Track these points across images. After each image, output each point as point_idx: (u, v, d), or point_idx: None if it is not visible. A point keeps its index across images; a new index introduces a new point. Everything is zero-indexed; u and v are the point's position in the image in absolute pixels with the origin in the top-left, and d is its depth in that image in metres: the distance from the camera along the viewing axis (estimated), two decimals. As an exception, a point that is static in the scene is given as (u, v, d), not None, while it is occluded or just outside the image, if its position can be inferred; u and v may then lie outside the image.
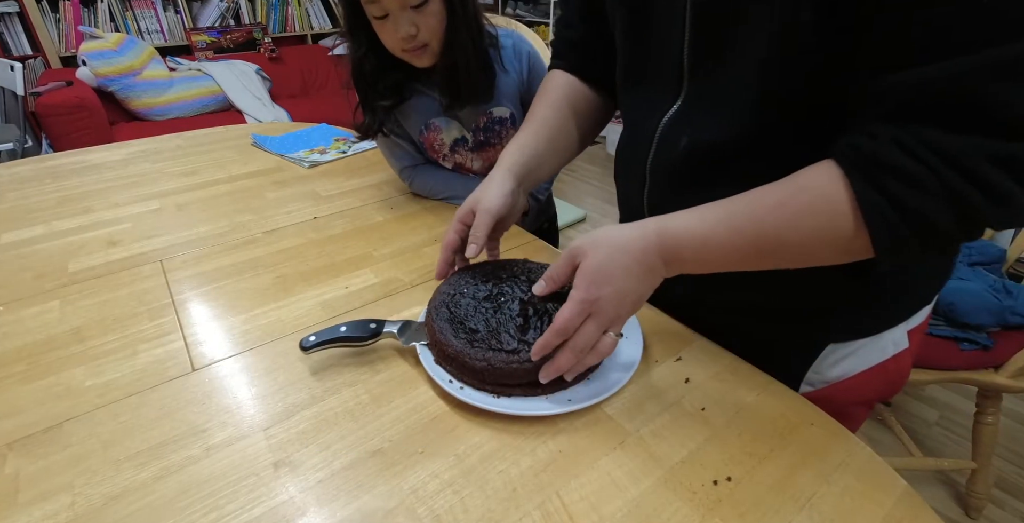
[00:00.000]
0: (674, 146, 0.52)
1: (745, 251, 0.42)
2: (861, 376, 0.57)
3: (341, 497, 0.42)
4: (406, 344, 0.55)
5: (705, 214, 0.44)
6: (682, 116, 0.52)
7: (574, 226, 2.53)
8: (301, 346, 0.55)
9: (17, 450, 0.47)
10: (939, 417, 1.47)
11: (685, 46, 0.49)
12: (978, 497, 1.19)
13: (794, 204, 0.40)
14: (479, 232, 0.57)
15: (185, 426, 0.49)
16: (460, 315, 0.53)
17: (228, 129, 1.39)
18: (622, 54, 0.59)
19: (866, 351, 0.56)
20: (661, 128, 0.54)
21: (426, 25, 0.76)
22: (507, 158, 0.62)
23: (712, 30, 0.46)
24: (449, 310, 0.54)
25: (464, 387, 0.50)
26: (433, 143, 0.93)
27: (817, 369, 0.57)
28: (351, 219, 0.88)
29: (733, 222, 0.42)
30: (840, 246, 0.40)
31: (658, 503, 0.41)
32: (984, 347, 1.04)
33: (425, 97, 0.89)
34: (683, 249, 0.44)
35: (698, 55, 0.48)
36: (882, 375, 0.58)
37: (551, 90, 0.68)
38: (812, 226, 0.40)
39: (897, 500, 0.41)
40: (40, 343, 0.60)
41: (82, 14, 2.68)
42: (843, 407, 0.56)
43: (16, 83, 2.19)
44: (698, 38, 0.48)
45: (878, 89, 0.37)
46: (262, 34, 3.13)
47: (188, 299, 0.68)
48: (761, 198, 0.42)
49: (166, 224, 0.87)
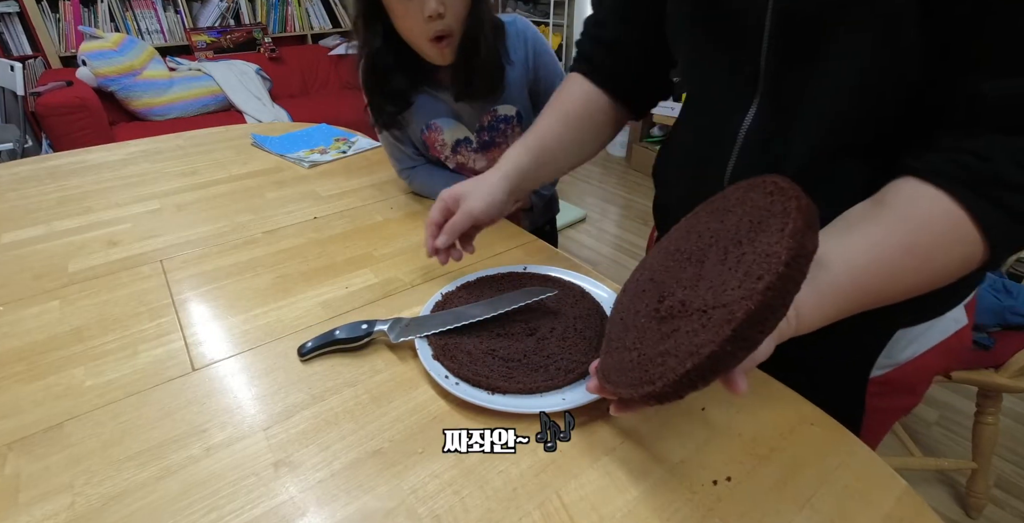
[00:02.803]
0: (762, 153, 0.51)
1: (872, 304, 0.42)
2: (928, 355, 0.58)
3: (341, 497, 0.42)
4: (396, 340, 0.56)
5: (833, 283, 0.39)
6: (766, 121, 0.51)
7: (574, 226, 2.53)
8: (299, 353, 0.56)
9: (17, 450, 0.47)
10: (939, 417, 1.47)
11: (764, 48, 0.47)
12: (978, 497, 1.19)
13: (922, 249, 0.39)
14: (454, 229, 0.59)
15: (185, 426, 0.49)
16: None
17: (228, 129, 1.39)
18: (684, 54, 0.57)
19: (932, 332, 0.58)
20: (744, 133, 0.52)
21: (453, 8, 0.74)
22: (507, 163, 0.62)
23: (798, 33, 0.45)
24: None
25: (460, 383, 0.51)
26: (435, 143, 0.93)
27: (888, 353, 0.58)
28: (351, 219, 0.88)
29: (864, 282, 0.40)
30: (965, 269, 0.40)
31: (658, 503, 0.41)
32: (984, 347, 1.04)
33: (428, 97, 0.88)
34: (815, 325, 0.42)
35: (781, 58, 0.47)
36: (946, 351, 0.59)
37: (567, 99, 0.66)
38: (942, 263, 0.39)
39: (897, 500, 0.41)
40: (40, 343, 0.60)
41: (82, 14, 2.67)
42: (911, 383, 0.59)
43: (16, 83, 2.19)
44: (780, 42, 0.46)
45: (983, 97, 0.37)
46: (262, 34, 3.13)
47: (188, 299, 0.68)
48: (881, 247, 0.39)
49: (166, 224, 0.87)
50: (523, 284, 0.65)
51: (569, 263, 0.72)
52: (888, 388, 0.59)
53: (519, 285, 0.65)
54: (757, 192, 0.38)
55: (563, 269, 0.68)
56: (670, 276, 0.43)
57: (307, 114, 2.65)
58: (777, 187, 0.36)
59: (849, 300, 0.40)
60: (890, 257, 0.39)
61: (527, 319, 0.58)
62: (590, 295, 0.63)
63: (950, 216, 0.38)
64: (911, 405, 0.66)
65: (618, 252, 2.32)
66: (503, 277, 0.67)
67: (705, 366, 0.32)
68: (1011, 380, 1.03)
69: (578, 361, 0.52)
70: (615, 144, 3.30)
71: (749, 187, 0.40)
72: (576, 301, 0.61)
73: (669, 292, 0.41)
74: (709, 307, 0.35)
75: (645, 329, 0.41)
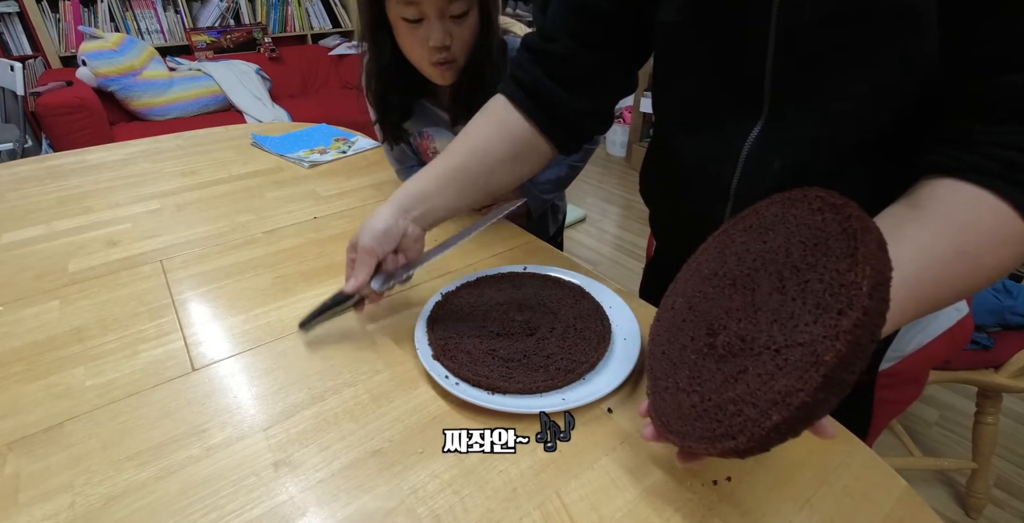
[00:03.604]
0: (766, 168, 0.50)
1: (928, 312, 0.40)
2: (933, 344, 0.60)
3: (341, 497, 0.42)
4: (379, 289, 0.56)
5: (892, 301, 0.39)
6: (770, 137, 0.50)
7: (574, 226, 2.53)
8: (300, 326, 0.59)
9: (17, 450, 0.47)
10: (939, 417, 1.47)
11: (768, 64, 0.46)
12: (978, 497, 1.19)
13: (971, 248, 0.37)
14: (360, 272, 0.55)
15: (185, 426, 0.49)
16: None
17: (228, 129, 1.39)
18: (680, 78, 0.55)
19: (936, 321, 0.60)
20: (748, 150, 0.51)
21: (460, 38, 0.72)
22: (398, 191, 0.58)
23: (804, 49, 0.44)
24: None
25: (460, 383, 0.51)
26: (426, 150, 0.94)
27: (896, 346, 0.60)
28: (351, 219, 0.88)
29: (919, 292, 0.38)
30: (1016, 265, 0.39)
31: (658, 503, 0.41)
32: (984, 347, 1.04)
33: (424, 106, 0.88)
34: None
35: (787, 75, 0.46)
36: (949, 340, 0.61)
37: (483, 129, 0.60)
38: (993, 262, 0.38)
39: (897, 500, 0.41)
40: (40, 343, 0.60)
41: (82, 14, 2.67)
42: (915, 375, 0.62)
43: (16, 83, 2.19)
44: (786, 58, 0.45)
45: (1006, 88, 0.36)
46: (262, 34, 3.13)
47: (188, 299, 0.68)
48: (931, 253, 0.38)
49: (166, 224, 0.87)
50: (523, 284, 0.65)
51: (569, 263, 0.72)
52: (895, 380, 0.61)
53: (519, 285, 0.65)
54: (800, 208, 0.35)
55: (563, 269, 0.68)
56: (714, 305, 0.39)
57: (307, 114, 2.65)
58: (826, 203, 0.33)
59: (904, 311, 0.38)
60: (941, 263, 0.38)
61: (527, 319, 0.58)
62: (590, 295, 0.63)
63: (996, 214, 0.37)
64: (914, 396, 0.68)
65: (618, 252, 2.32)
66: (503, 277, 0.67)
67: (796, 417, 0.29)
68: (1011, 380, 1.03)
69: (578, 361, 0.52)
70: (615, 144, 3.30)
71: (788, 202, 0.37)
72: (576, 301, 0.61)
73: (720, 325, 0.37)
74: (781, 346, 0.31)
75: (700, 368, 0.38)
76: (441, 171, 0.59)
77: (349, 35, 3.47)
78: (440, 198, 0.58)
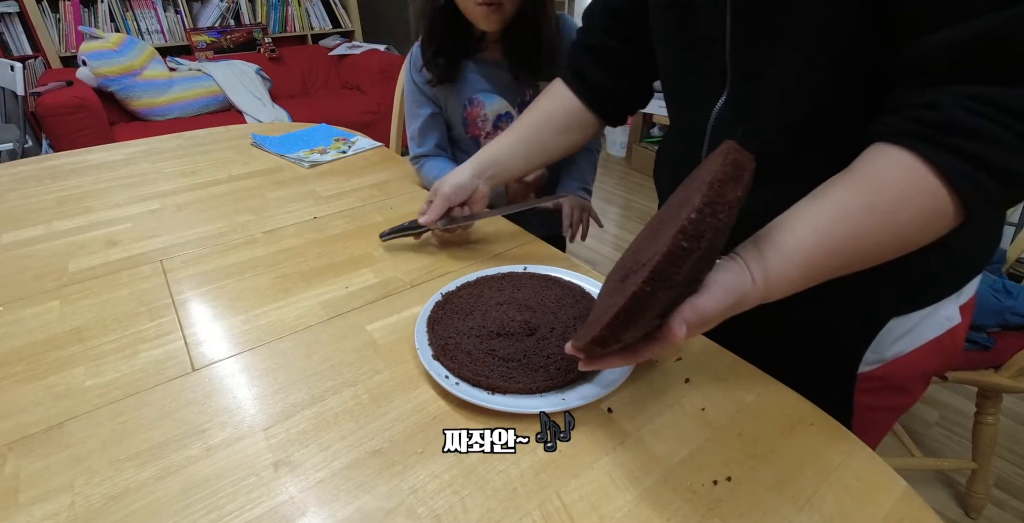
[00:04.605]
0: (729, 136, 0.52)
1: (843, 267, 0.42)
2: (917, 352, 0.58)
3: (341, 497, 0.42)
4: (443, 227, 0.73)
5: (799, 247, 0.40)
6: (732, 106, 0.53)
7: (574, 226, 2.53)
8: (380, 236, 0.76)
9: (17, 450, 0.47)
10: (939, 417, 1.47)
11: (727, 35, 0.50)
12: (978, 497, 1.19)
13: (884, 205, 0.39)
14: (433, 212, 0.71)
15: (185, 426, 0.49)
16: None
17: (228, 129, 1.39)
18: (663, 55, 0.63)
19: (922, 328, 0.57)
20: (712, 121, 0.56)
21: None
22: (480, 152, 0.74)
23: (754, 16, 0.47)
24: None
25: (460, 383, 0.51)
26: (476, 119, 0.96)
27: (876, 348, 0.58)
28: (351, 219, 0.88)
29: (829, 243, 0.40)
30: (938, 225, 0.40)
31: (658, 503, 0.41)
32: (984, 347, 1.04)
33: (474, 72, 0.92)
34: (783, 291, 0.42)
35: (741, 42, 0.50)
36: (938, 349, 0.58)
37: (545, 105, 0.74)
38: (908, 218, 0.39)
39: (897, 500, 0.41)
40: (40, 343, 0.60)
41: (82, 14, 2.68)
42: (901, 381, 0.59)
43: (16, 83, 2.19)
44: (739, 26, 0.49)
45: (922, 53, 0.38)
46: (262, 34, 3.13)
47: (188, 299, 0.68)
48: (845, 208, 0.40)
49: (166, 224, 0.87)
50: (523, 284, 0.65)
51: (569, 263, 0.72)
52: (878, 385, 0.59)
53: (519, 285, 0.65)
54: (717, 158, 0.39)
55: (563, 269, 0.68)
56: (643, 248, 0.45)
57: (307, 114, 2.65)
58: (732, 148, 0.38)
59: (816, 263, 0.41)
60: (853, 216, 0.40)
61: (527, 319, 0.58)
62: (590, 295, 0.63)
63: (910, 171, 0.38)
64: (905, 405, 0.66)
65: (618, 252, 2.32)
66: (503, 277, 0.67)
67: (631, 306, 0.35)
68: (1011, 380, 1.03)
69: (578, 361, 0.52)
70: (615, 144, 3.30)
71: (714, 155, 0.41)
72: (576, 301, 0.62)
73: (631, 269, 0.43)
74: (642, 265, 0.38)
75: (605, 300, 0.46)
76: (510, 140, 0.74)
77: (349, 35, 3.47)
78: (510, 162, 0.74)
